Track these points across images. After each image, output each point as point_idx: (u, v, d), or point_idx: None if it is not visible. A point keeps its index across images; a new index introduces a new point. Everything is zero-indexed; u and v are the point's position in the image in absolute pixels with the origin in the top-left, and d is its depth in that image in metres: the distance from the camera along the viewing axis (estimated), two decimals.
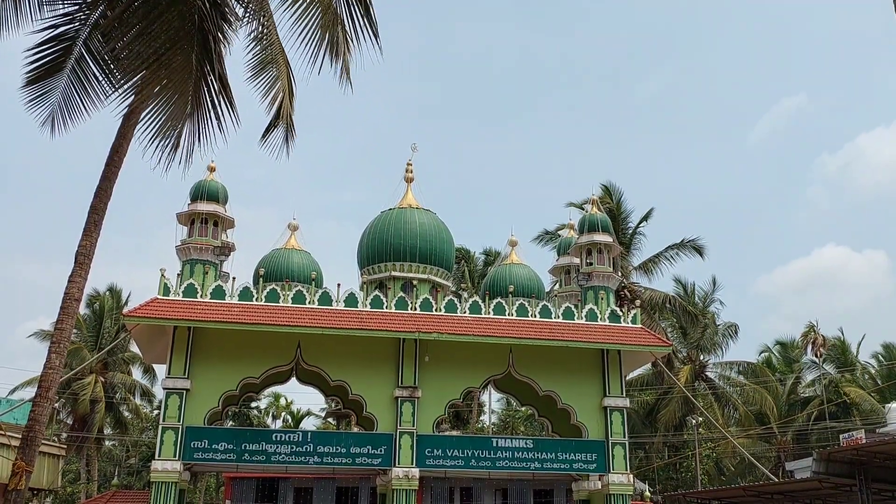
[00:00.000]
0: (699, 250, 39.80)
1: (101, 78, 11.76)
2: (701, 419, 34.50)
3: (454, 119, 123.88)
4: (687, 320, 39.49)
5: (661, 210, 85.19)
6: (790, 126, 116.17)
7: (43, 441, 16.19)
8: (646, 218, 40.58)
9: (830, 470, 18.63)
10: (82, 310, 40.59)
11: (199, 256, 21.41)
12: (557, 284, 26.75)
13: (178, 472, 19.43)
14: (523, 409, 34.84)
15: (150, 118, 9.82)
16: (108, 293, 42.28)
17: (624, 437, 21.88)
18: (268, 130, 11.82)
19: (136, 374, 42.67)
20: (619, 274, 28.24)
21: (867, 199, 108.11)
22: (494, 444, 22.14)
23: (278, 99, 11.64)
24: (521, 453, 21.71)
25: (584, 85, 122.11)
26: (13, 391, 37.13)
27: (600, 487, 21.76)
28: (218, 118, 10.59)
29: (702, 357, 39.88)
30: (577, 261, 24.69)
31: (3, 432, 17.56)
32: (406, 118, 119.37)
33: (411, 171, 26.17)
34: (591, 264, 23.80)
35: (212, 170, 22.73)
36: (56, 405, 37.20)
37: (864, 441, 21.93)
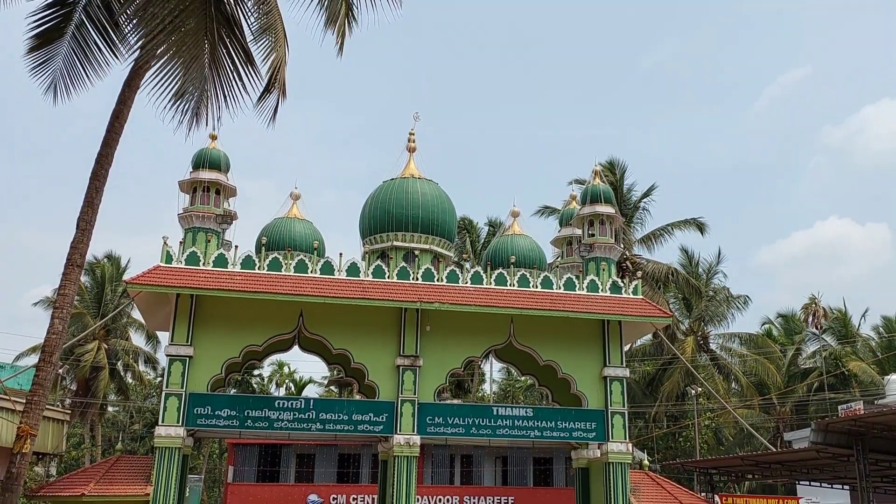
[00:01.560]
0: (701, 227, 39.89)
1: (101, 45, 11.70)
2: (701, 390, 34.71)
3: (457, 89, 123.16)
4: (690, 292, 39.63)
5: (663, 182, 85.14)
6: (795, 97, 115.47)
7: (47, 406, 16.37)
8: (648, 193, 40.63)
9: (828, 440, 18.73)
10: (85, 277, 40.75)
11: (201, 225, 21.43)
12: (559, 255, 26.77)
13: (182, 438, 19.63)
14: (523, 378, 35.07)
15: (162, 83, 9.78)
16: (106, 260, 42.41)
17: (623, 406, 22.04)
18: (262, 97, 11.76)
19: (139, 341, 42.98)
20: (622, 246, 28.28)
21: (870, 171, 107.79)
22: (495, 413, 22.31)
23: (274, 66, 11.56)
24: (521, 422, 21.89)
25: (587, 56, 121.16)
26: (17, 358, 37.40)
27: (599, 456, 21.97)
28: (242, 81, 10.55)
29: (704, 328, 40.04)
30: (578, 232, 24.68)
31: (7, 397, 17.73)
32: (409, 88, 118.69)
33: (414, 141, 26.09)
34: (592, 235, 23.79)
35: (213, 138, 22.65)
36: (60, 371, 37.50)
37: (862, 412, 22.09)
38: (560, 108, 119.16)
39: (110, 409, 46.43)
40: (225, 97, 10.52)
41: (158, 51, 9.69)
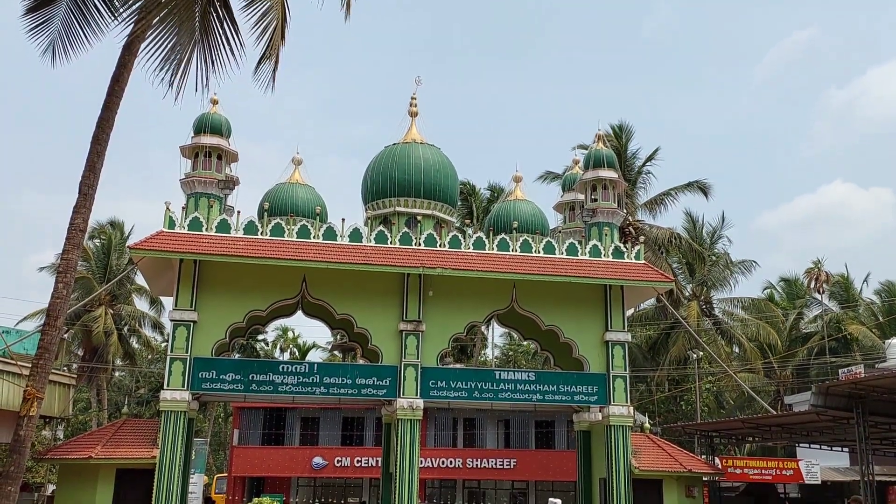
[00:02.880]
0: (705, 190, 39.75)
1: (99, 6, 11.59)
2: (702, 354, 34.89)
3: (460, 53, 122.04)
4: (693, 257, 39.64)
5: (666, 146, 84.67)
6: (799, 59, 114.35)
7: (53, 370, 16.51)
8: (652, 157, 40.43)
9: (829, 403, 18.89)
10: (90, 243, 40.85)
11: (203, 190, 21.41)
12: (562, 221, 26.74)
13: (187, 402, 19.83)
14: (526, 343, 35.27)
15: (153, 46, 9.71)
16: (110, 226, 42.46)
17: (625, 370, 22.17)
18: (261, 62, 11.68)
19: (144, 306, 43.20)
20: (625, 211, 28.20)
21: (875, 134, 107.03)
22: (497, 377, 22.46)
23: (270, 30, 11.45)
24: (523, 385, 22.04)
25: (590, 20, 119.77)
26: (20, 321, 37.64)
27: (601, 419, 22.15)
28: (229, 44, 10.47)
29: (708, 293, 40.10)
30: (581, 197, 24.61)
31: (13, 362, 17.87)
32: (411, 52, 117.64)
33: (416, 106, 25.92)
34: (595, 200, 23.73)
35: (214, 102, 22.52)
36: (66, 336, 37.74)
37: (862, 376, 22.21)
38: (564, 72, 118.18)
39: (116, 373, 46.82)
40: (214, 61, 10.45)
41: (151, 13, 9.59)
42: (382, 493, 23.61)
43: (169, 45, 9.65)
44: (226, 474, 38.27)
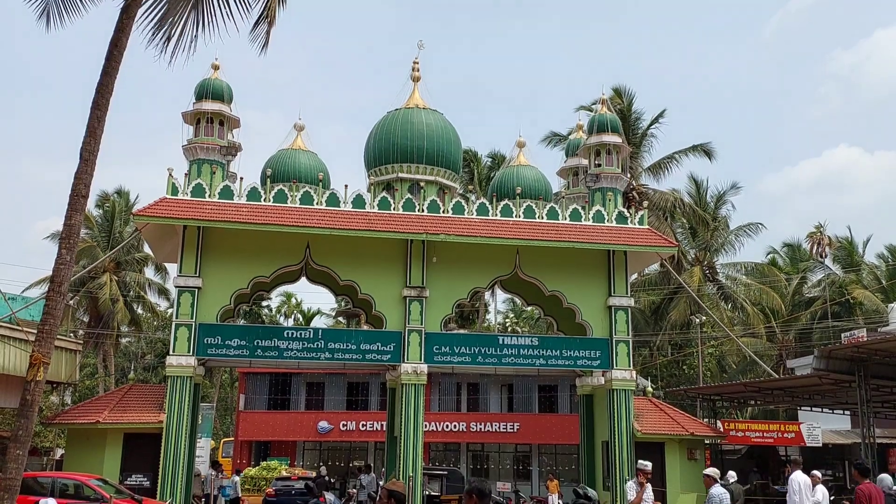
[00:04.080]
0: (709, 153, 39.54)
1: None
2: (705, 318, 34.98)
3: (462, 17, 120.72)
4: (696, 222, 39.56)
5: (671, 109, 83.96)
6: (806, 21, 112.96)
7: (59, 336, 16.64)
8: (657, 119, 40.14)
9: (831, 367, 18.99)
10: (94, 211, 40.90)
11: (205, 156, 21.36)
12: (565, 186, 26.67)
13: (193, 367, 19.99)
14: (529, 309, 35.37)
15: (151, 9, 9.62)
16: (116, 195, 42.51)
17: (628, 335, 22.27)
18: (258, 23, 11.56)
19: (150, 273, 43.35)
20: (629, 175, 28.09)
21: (882, 97, 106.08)
22: (500, 342, 22.59)
23: None
24: (526, 350, 22.17)
25: None
26: (26, 289, 37.83)
27: (603, 383, 22.30)
28: (229, 6, 10.37)
29: (711, 258, 40.08)
30: (585, 162, 24.52)
31: (20, 328, 18.01)
32: (413, 15, 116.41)
33: (418, 70, 25.69)
34: (599, 165, 23.64)
35: (216, 68, 22.38)
36: (71, 303, 37.94)
37: (865, 339, 22.27)
38: (567, 34, 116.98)
39: (123, 340, 47.15)
40: (214, 24, 10.34)
41: None
42: (387, 456, 23.87)
43: (166, 8, 9.56)
44: (232, 438, 38.73)
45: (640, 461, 12.74)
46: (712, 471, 12.83)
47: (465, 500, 5.83)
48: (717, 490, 12.19)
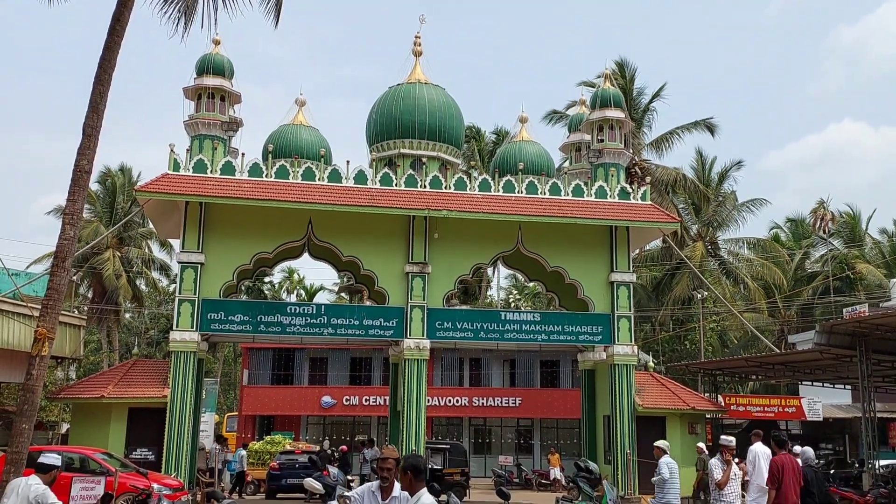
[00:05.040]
0: (711, 128, 39.38)
1: None
2: (707, 294, 35.02)
3: None
4: (699, 197, 39.48)
5: (673, 86, 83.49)
6: None
7: (63, 312, 16.71)
8: (658, 94, 39.96)
9: (832, 341, 19.04)
10: (95, 187, 40.88)
11: (207, 132, 21.31)
12: (568, 162, 26.59)
13: (196, 342, 20.09)
14: (531, 284, 35.44)
15: None
16: (119, 171, 42.45)
17: (629, 310, 22.32)
18: None
19: (153, 248, 43.43)
20: (631, 151, 27.98)
21: (886, 72, 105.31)
22: (503, 318, 22.67)
23: None
24: (528, 326, 22.25)
25: None
26: (30, 265, 37.93)
27: (605, 358, 22.40)
28: None
29: (713, 233, 40.05)
30: (587, 137, 24.44)
31: (24, 304, 18.08)
32: None
33: (419, 45, 25.53)
34: (602, 141, 23.56)
35: (216, 43, 22.25)
36: (75, 278, 38.04)
37: (867, 314, 22.31)
38: (569, 9, 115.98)
39: (127, 315, 47.36)
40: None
41: None
42: (390, 430, 24.04)
43: None
44: (236, 413, 38.98)
45: (723, 437, 11.21)
46: (662, 443, 13.35)
47: (401, 478, 5.71)
48: (666, 460, 12.67)
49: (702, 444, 16.94)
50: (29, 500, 7.57)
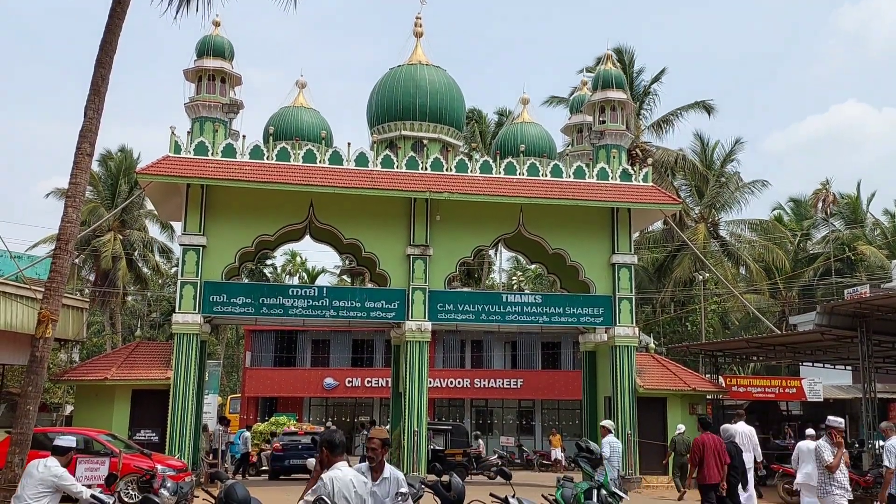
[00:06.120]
0: (708, 109, 39.26)
1: None
2: (709, 275, 35.05)
3: None
4: (700, 179, 39.42)
5: (675, 68, 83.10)
6: None
7: (66, 294, 16.76)
8: (657, 78, 39.86)
9: (833, 322, 19.07)
10: (97, 169, 40.84)
11: (208, 114, 21.27)
12: (569, 143, 26.52)
13: (199, 325, 20.17)
14: (533, 267, 35.50)
15: None
16: (119, 153, 42.39)
17: (631, 292, 22.36)
18: None
19: (154, 231, 43.47)
20: (631, 133, 27.89)
21: (890, 53, 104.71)
22: (504, 300, 22.74)
23: None
24: (530, 308, 22.31)
25: None
26: (32, 248, 37.99)
27: (606, 340, 22.47)
28: None
29: (715, 215, 40.01)
30: (589, 119, 24.37)
31: (27, 286, 18.13)
32: None
33: (420, 26, 25.38)
34: (603, 122, 23.50)
35: (216, 24, 22.13)
36: (77, 261, 38.11)
37: (868, 295, 22.34)
38: None
39: (129, 298, 47.47)
40: None
41: None
42: (392, 412, 24.18)
43: None
44: (239, 395, 39.20)
45: (830, 417, 10.69)
46: (608, 422, 13.91)
47: (318, 456, 5.91)
48: (609, 439, 13.18)
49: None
50: (46, 481, 7.71)
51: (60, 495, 7.90)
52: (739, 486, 12.37)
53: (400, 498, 6.39)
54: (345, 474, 5.58)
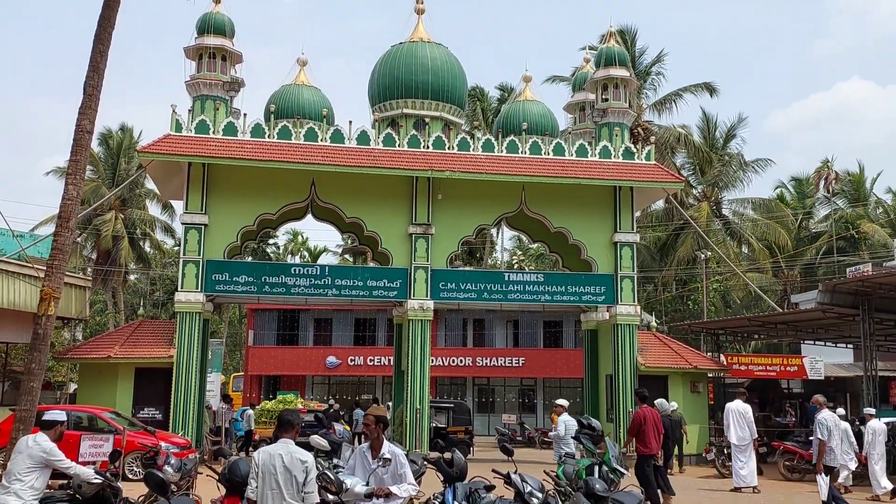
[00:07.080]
0: (711, 90, 39.06)
1: None
2: (710, 254, 35.01)
3: None
4: (702, 158, 39.26)
5: (677, 46, 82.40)
6: None
7: (68, 273, 16.79)
8: (659, 59, 39.63)
9: (835, 301, 19.09)
10: (98, 148, 40.76)
11: (208, 92, 21.18)
12: (572, 121, 26.39)
13: (201, 303, 20.20)
14: (535, 246, 35.46)
15: None
16: (120, 131, 42.27)
17: (633, 270, 22.36)
18: None
19: (156, 210, 43.44)
20: (634, 111, 27.74)
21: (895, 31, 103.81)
22: (506, 279, 22.75)
23: None
24: (532, 286, 22.31)
25: None
26: (34, 227, 37.98)
27: (608, 318, 22.50)
28: None
29: (718, 193, 39.89)
30: (592, 97, 24.22)
31: (29, 265, 18.16)
32: None
33: (422, 2, 25.17)
34: (606, 100, 23.37)
35: (217, 1, 22.00)
36: (78, 240, 38.11)
37: (870, 273, 22.33)
38: None
39: (132, 277, 47.57)
40: None
41: None
42: (395, 390, 24.27)
43: None
44: (242, 373, 39.36)
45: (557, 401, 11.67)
46: (562, 401, 14.23)
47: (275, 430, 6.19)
48: (564, 418, 13.58)
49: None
50: (35, 457, 7.63)
51: (50, 471, 7.78)
52: (738, 461, 13.71)
53: (382, 462, 6.55)
54: (274, 448, 5.71)
